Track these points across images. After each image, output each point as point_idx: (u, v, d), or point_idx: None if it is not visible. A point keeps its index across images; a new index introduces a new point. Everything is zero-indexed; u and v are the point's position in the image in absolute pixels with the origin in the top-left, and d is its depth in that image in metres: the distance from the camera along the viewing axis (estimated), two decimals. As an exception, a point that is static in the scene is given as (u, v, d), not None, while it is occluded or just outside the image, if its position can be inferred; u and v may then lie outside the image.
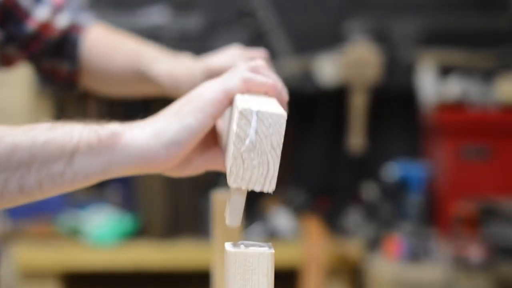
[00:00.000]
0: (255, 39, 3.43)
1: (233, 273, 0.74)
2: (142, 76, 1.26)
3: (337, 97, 3.45)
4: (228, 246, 0.76)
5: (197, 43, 3.40)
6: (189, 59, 1.25)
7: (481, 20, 3.43)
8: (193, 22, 3.43)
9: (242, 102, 0.77)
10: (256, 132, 0.75)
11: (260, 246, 0.76)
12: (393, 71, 3.41)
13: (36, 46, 1.30)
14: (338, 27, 3.45)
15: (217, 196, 1.18)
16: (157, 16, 3.41)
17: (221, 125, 0.91)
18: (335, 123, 3.52)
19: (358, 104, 3.36)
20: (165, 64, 1.23)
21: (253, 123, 0.75)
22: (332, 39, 3.43)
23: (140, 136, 0.82)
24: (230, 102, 0.83)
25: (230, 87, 0.83)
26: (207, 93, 0.83)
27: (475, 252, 2.89)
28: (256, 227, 3.20)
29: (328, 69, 3.35)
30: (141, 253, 3.13)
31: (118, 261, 3.11)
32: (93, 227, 3.15)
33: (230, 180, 0.75)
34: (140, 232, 3.21)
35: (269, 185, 0.76)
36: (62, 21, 1.32)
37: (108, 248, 3.12)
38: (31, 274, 3.07)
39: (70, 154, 0.80)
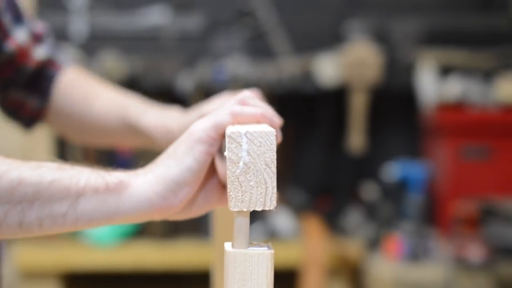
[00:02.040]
0: (255, 39, 3.43)
1: (232, 273, 0.74)
2: (128, 128, 1.23)
3: (337, 97, 3.45)
4: (227, 246, 0.76)
5: (197, 43, 3.40)
6: (178, 112, 1.22)
7: (481, 20, 3.44)
8: (193, 22, 3.43)
9: (230, 128, 0.78)
10: (248, 153, 0.75)
11: (260, 246, 0.76)
12: (393, 71, 3.41)
13: (10, 71, 1.26)
14: (338, 27, 3.45)
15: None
16: (157, 16, 3.41)
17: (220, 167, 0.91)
18: (335, 123, 3.52)
19: (358, 104, 3.36)
20: (155, 116, 1.20)
21: (244, 145, 0.75)
22: (332, 39, 3.44)
23: (145, 184, 0.82)
24: (222, 137, 0.83)
25: (220, 122, 0.82)
26: (198, 131, 0.83)
27: (475, 252, 2.89)
28: (256, 227, 3.20)
29: (328, 69, 3.35)
30: (141, 253, 3.13)
31: (118, 261, 3.11)
32: (93, 227, 3.15)
33: (231, 205, 0.75)
34: (140, 232, 3.21)
35: (270, 203, 0.76)
36: (39, 53, 1.28)
37: (108, 248, 3.12)
38: (31, 274, 3.07)
39: (75, 196, 0.80)
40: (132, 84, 3.43)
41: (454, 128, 3.25)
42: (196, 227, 3.22)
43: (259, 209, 0.76)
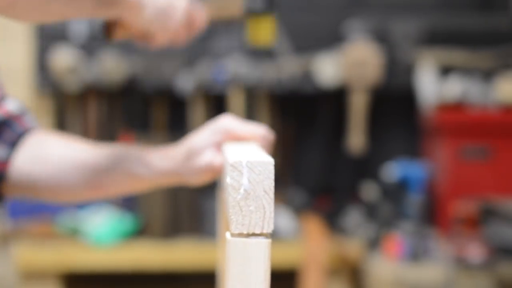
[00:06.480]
0: (255, 39, 3.42)
1: (233, 259, 0.80)
2: (126, 171, 1.20)
3: (337, 97, 3.45)
4: (228, 235, 0.82)
5: (197, 43, 3.40)
6: (165, 149, 1.21)
7: (481, 20, 3.44)
8: (193, 22, 3.42)
9: (232, 155, 0.86)
10: (249, 180, 0.81)
11: (258, 236, 0.83)
12: (393, 71, 3.41)
13: None
14: (338, 27, 3.45)
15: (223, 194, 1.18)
16: (157, 16, 3.41)
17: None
18: (335, 123, 3.52)
19: (358, 104, 3.36)
20: (159, 159, 1.19)
21: (245, 173, 0.81)
22: (332, 39, 3.44)
23: None
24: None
25: None
26: None
27: (475, 252, 2.89)
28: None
29: (328, 69, 3.35)
30: (141, 253, 3.13)
31: (118, 261, 3.11)
32: (93, 227, 3.15)
33: (232, 228, 0.81)
34: (140, 232, 3.21)
35: (267, 226, 0.82)
36: (11, 105, 1.25)
37: (108, 248, 3.12)
38: (31, 274, 3.07)
39: None
40: (132, 84, 3.43)
41: (454, 128, 3.25)
42: (196, 227, 3.22)
43: (257, 232, 0.82)
